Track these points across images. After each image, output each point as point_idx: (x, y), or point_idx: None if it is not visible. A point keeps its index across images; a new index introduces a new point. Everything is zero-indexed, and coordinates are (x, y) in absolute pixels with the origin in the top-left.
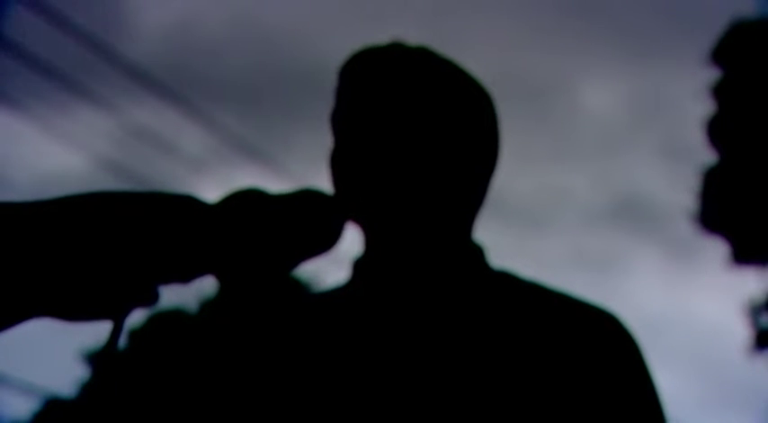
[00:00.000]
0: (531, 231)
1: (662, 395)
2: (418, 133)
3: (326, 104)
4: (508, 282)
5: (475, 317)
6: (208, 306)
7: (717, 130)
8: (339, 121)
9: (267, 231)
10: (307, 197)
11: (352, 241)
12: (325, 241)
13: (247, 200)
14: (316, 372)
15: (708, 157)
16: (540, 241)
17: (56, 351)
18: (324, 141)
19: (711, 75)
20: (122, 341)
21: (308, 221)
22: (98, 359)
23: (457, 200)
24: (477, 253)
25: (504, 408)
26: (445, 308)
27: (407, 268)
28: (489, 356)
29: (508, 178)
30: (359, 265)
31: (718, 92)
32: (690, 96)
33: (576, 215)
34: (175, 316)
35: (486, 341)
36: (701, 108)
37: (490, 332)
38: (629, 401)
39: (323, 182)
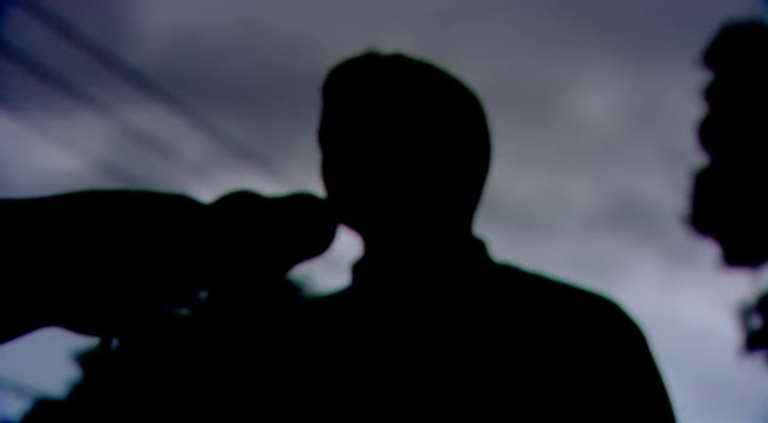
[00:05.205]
0: (528, 235)
1: (667, 381)
2: (400, 139)
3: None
4: (511, 274)
5: (479, 313)
6: (199, 308)
7: (708, 133)
8: (324, 136)
9: (260, 233)
10: (300, 199)
11: (346, 244)
12: (319, 244)
13: (240, 201)
14: (319, 375)
15: (701, 159)
16: (538, 244)
17: (47, 351)
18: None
19: (704, 77)
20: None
21: (301, 224)
22: (92, 365)
23: (451, 199)
24: (479, 247)
25: (512, 403)
26: (448, 305)
27: (408, 269)
28: (495, 353)
29: (506, 183)
30: (358, 268)
31: (710, 94)
32: (687, 100)
33: (573, 219)
34: (167, 319)
35: (491, 337)
36: (697, 111)
37: (495, 328)
38: (636, 389)
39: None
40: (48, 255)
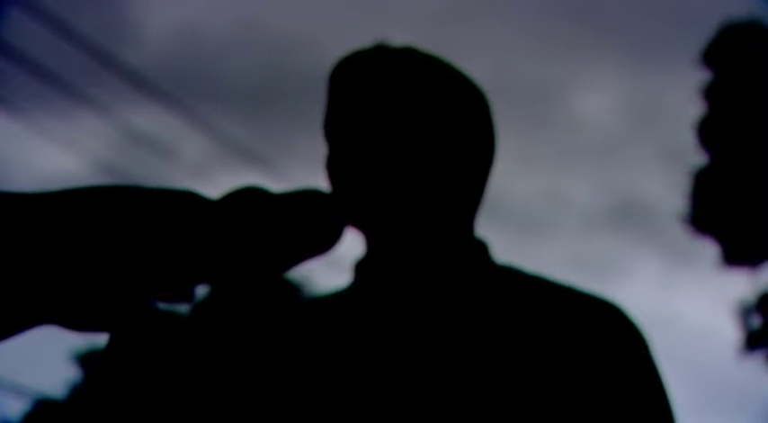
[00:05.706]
0: (528, 235)
1: (668, 385)
2: (408, 133)
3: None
4: (512, 276)
5: (480, 314)
6: (200, 307)
7: (707, 132)
8: (331, 127)
9: (267, 229)
10: (307, 196)
11: (346, 244)
12: (325, 241)
13: (247, 197)
14: (319, 374)
15: (700, 158)
16: (538, 245)
17: (47, 352)
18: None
19: (703, 77)
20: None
21: (308, 221)
22: (92, 365)
23: (455, 197)
24: (481, 249)
25: (512, 404)
26: (450, 306)
27: (410, 268)
28: (495, 354)
29: (506, 183)
30: (360, 267)
31: (709, 93)
32: (687, 99)
33: (573, 219)
34: (166, 317)
35: (491, 338)
36: (697, 110)
37: (496, 329)
38: (635, 391)
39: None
40: (47, 250)
